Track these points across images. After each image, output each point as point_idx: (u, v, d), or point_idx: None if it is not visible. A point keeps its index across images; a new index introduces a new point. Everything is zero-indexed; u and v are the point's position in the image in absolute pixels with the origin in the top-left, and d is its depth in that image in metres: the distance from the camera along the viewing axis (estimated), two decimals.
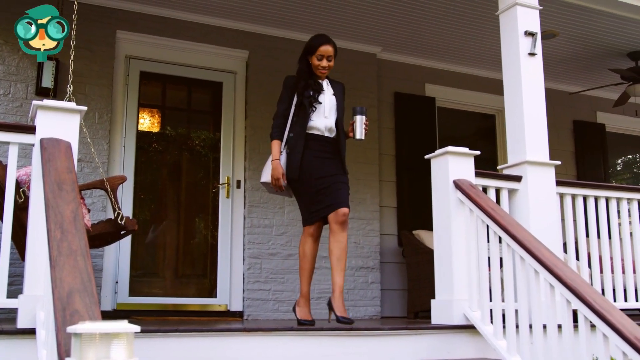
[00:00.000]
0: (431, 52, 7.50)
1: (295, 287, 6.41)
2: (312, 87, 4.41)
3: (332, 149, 4.40)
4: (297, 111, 4.37)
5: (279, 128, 4.40)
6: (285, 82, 4.53)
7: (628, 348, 3.12)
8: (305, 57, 4.50)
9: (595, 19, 6.52)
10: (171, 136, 6.55)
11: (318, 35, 4.49)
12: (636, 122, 8.81)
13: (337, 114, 4.47)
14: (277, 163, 4.30)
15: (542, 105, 4.87)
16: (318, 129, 4.36)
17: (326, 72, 4.47)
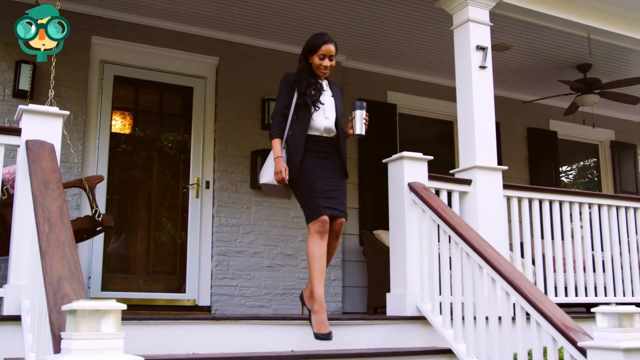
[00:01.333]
0: (393, 61, 7.89)
1: (262, 283, 6.74)
2: (314, 87, 4.31)
3: (331, 150, 4.32)
4: (297, 110, 4.26)
5: (279, 126, 4.27)
6: (285, 79, 4.36)
7: (557, 334, 3.51)
8: (306, 56, 4.37)
9: (546, 34, 6.95)
10: (143, 138, 6.82)
11: (319, 34, 4.38)
12: (585, 129, 9.31)
13: (336, 115, 4.38)
14: (280, 159, 4.17)
15: (491, 115, 5.25)
16: (318, 129, 4.27)
17: (328, 72, 4.37)
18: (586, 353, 3.30)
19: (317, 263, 4.10)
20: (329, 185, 4.18)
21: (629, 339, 3.14)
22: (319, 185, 4.14)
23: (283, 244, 6.94)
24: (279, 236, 6.93)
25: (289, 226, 7.00)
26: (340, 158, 4.34)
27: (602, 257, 5.82)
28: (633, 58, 7.73)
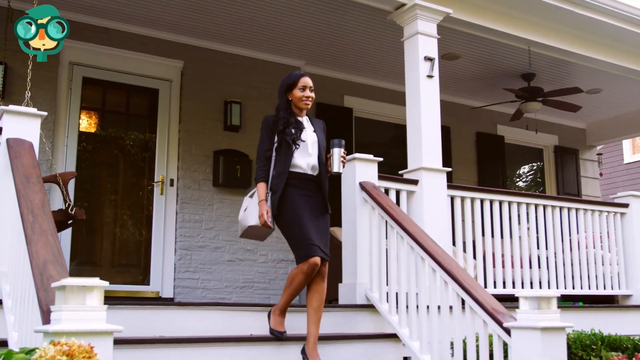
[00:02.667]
0: (350, 67, 8.32)
1: (222, 277, 7.09)
2: (294, 125, 4.31)
3: (315, 187, 4.31)
4: (279, 149, 4.27)
5: (263, 170, 4.29)
6: (264, 123, 4.39)
7: (487, 317, 3.96)
8: (285, 94, 4.41)
9: (493, 45, 7.42)
10: (110, 137, 7.12)
11: (292, 72, 4.50)
12: (531, 134, 9.86)
13: (319, 151, 4.37)
14: (263, 203, 4.19)
15: (437, 120, 5.69)
16: (301, 167, 4.26)
17: (310, 103, 4.40)
18: (510, 332, 3.75)
19: (292, 290, 4.19)
20: (314, 225, 4.16)
21: (547, 319, 3.60)
22: (309, 225, 4.11)
23: (243, 240, 7.26)
24: None
25: None
26: (322, 195, 4.32)
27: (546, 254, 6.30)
28: (573, 69, 8.28)
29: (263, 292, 7.22)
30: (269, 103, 7.65)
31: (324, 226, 4.28)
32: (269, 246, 7.43)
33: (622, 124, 10.53)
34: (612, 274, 6.75)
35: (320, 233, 4.18)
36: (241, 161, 7.32)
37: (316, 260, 4.06)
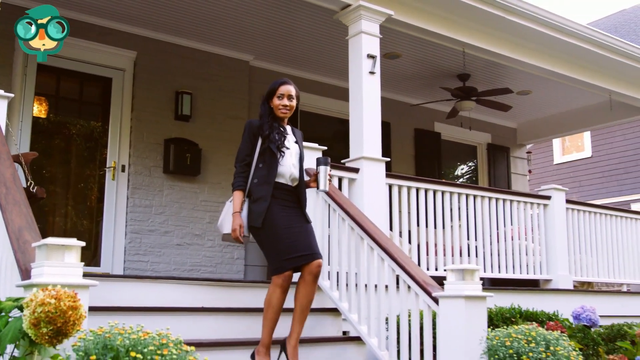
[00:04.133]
0: (297, 63, 8.71)
1: (171, 260, 7.39)
2: (277, 130, 4.28)
3: (294, 198, 4.29)
4: (262, 156, 4.20)
5: (242, 177, 4.21)
6: (248, 126, 4.32)
7: (418, 289, 4.41)
8: (267, 101, 4.40)
9: (431, 46, 7.90)
10: (64, 124, 7.33)
11: (276, 80, 4.50)
12: (466, 132, 10.46)
13: (300, 162, 4.38)
14: (237, 215, 4.12)
15: (377, 114, 6.11)
16: (283, 176, 4.23)
17: (287, 112, 4.38)
18: (438, 301, 4.21)
19: (271, 315, 4.08)
20: (297, 231, 4.13)
21: (470, 289, 4.07)
22: (284, 236, 4.07)
23: (192, 225, 7.62)
24: (188, 217, 7.61)
25: (197, 209, 7.69)
26: (300, 207, 4.30)
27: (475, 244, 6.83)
28: (505, 71, 8.87)
29: (210, 276, 7.53)
30: (219, 95, 8.02)
31: (307, 229, 4.23)
32: (216, 231, 7.74)
33: (551, 125, 11.24)
34: (534, 263, 7.33)
35: (304, 234, 4.16)
36: (191, 149, 7.62)
37: (290, 273, 4.05)
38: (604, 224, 8.03)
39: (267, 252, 4.17)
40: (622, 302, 7.83)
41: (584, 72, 8.25)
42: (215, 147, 7.92)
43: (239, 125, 8.08)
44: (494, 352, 3.63)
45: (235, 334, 4.62)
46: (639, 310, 7.52)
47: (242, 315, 4.78)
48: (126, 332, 2.40)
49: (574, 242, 7.66)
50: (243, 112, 8.20)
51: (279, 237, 4.07)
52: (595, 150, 18.54)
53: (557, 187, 7.47)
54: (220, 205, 7.79)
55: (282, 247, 4.06)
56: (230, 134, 8.04)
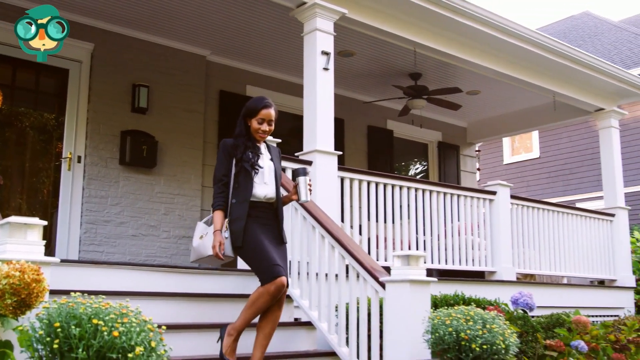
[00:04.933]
0: (254, 58, 8.86)
1: (126, 250, 7.47)
2: (252, 150, 4.28)
3: (271, 216, 4.29)
4: (237, 177, 4.22)
5: (220, 197, 4.21)
6: (222, 146, 4.32)
7: (366, 274, 4.63)
8: (245, 118, 4.37)
9: (384, 45, 8.15)
10: (20, 114, 7.35)
11: (259, 98, 4.40)
12: (418, 130, 10.76)
13: (275, 180, 4.36)
14: (218, 233, 4.11)
15: (330, 108, 6.31)
16: (258, 196, 4.22)
17: (265, 136, 4.38)
18: (385, 286, 4.44)
19: (253, 311, 4.07)
20: (276, 252, 4.15)
21: (415, 274, 4.31)
22: (266, 247, 4.09)
23: (147, 216, 7.72)
24: (144, 209, 7.70)
25: (153, 200, 7.79)
26: (277, 224, 4.30)
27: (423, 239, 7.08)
28: (455, 71, 9.17)
29: None
30: (176, 88, 8.13)
31: (284, 253, 4.25)
32: (171, 223, 7.89)
33: (499, 124, 11.63)
34: (480, 256, 7.63)
35: (281, 259, 4.16)
36: (147, 142, 7.72)
37: (283, 280, 4.01)
38: (546, 219, 8.39)
39: (255, 265, 4.12)
40: (562, 294, 8.20)
41: (530, 73, 8.59)
42: (172, 140, 8.03)
43: (195, 119, 8.25)
44: (435, 330, 3.87)
45: (190, 318, 4.77)
46: (578, 301, 7.89)
47: (197, 301, 4.93)
48: (88, 303, 2.54)
49: (518, 236, 8.00)
50: (199, 106, 8.33)
51: (263, 249, 4.06)
52: (542, 151, 19.12)
53: (502, 182, 7.79)
54: (176, 197, 7.93)
55: (268, 257, 4.04)
56: (186, 127, 8.16)
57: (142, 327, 2.52)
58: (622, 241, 9.26)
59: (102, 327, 2.40)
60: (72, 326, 2.39)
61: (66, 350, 2.37)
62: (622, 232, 9.29)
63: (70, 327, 2.39)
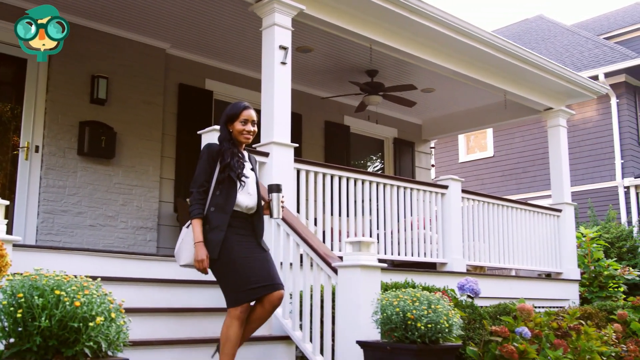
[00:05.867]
0: (213, 52, 8.97)
1: (84, 240, 7.52)
2: (237, 157, 4.16)
3: (249, 227, 4.18)
4: (220, 184, 4.07)
5: (199, 204, 4.03)
6: (207, 151, 4.17)
7: (320, 261, 4.81)
8: (226, 124, 4.26)
9: (341, 41, 8.33)
10: None
11: (237, 103, 4.33)
12: (374, 126, 10.99)
13: (258, 190, 4.28)
14: (201, 245, 3.97)
15: (288, 101, 6.45)
16: (240, 205, 4.11)
17: (251, 137, 4.26)
18: (337, 271, 4.62)
19: (229, 349, 3.96)
20: (254, 264, 4.03)
21: (365, 259, 4.50)
22: (242, 267, 3.97)
23: (105, 207, 7.78)
24: (102, 199, 7.76)
25: (111, 191, 7.85)
26: (255, 236, 4.18)
27: (377, 232, 7.28)
28: (411, 69, 9.41)
29: None
30: (135, 80, 8.20)
31: (267, 257, 4.15)
32: (129, 214, 7.96)
33: (453, 122, 11.94)
34: (432, 249, 7.87)
35: (264, 263, 4.07)
36: (106, 133, 7.77)
37: (248, 305, 3.97)
38: (496, 213, 8.69)
39: (224, 283, 4.02)
40: (510, 285, 8.50)
41: (483, 73, 8.87)
42: (130, 132, 8.10)
43: (154, 111, 8.33)
44: (383, 310, 4.07)
45: (149, 302, 4.89)
46: (525, 293, 8.19)
47: (156, 286, 5.06)
48: (51, 276, 2.66)
49: (469, 229, 8.27)
50: (158, 98, 8.41)
51: (236, 269, 3.96)
52: (497, 151, 19.57)
53: (454, 177, 8.05)
54: (134, 189, 8.00)
55: (240, 278, 3.94)
56: (145, 119, 8.24)
57: (103, 300, 2.65)
58: (568, 236, 9.62)
59: (64, 298, 2.52)
60: (35, 297, 2.51)
61: (29, 320, 2.49)
62: (569, 227, 9.65)
63: (34, 298, 2.51)
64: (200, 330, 4.91)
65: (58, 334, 2.53)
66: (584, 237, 10.41)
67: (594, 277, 9.94)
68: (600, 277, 9.90)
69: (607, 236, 14.63)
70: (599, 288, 9.81)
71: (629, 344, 6.99)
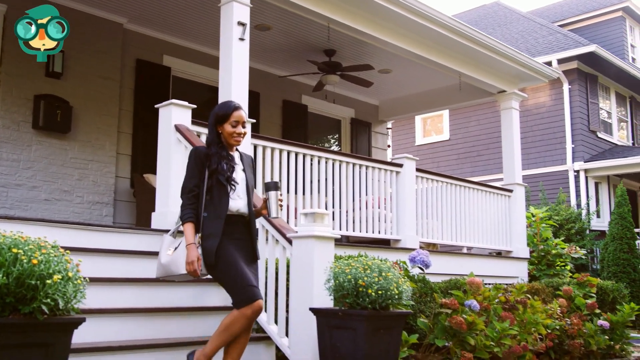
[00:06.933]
0: (171, 28, 8.94)
1: (38, 214, 7.47)
2: (226, 160, 4.01)
3: (244, 231, 4.06)
4: (211, 190, 3.94)
5: (190, 209, 3.90)
6: (194, 155, 4.01)
7: (276, 233, 4.90)
8: (215, 126, 4.07)
9: (300, 20, 8.36)
10: None
11: (226, 103, 4.17)
12: (332, 106, 11.09)
13: (247, 192, 4.09)
14: (193, 247, 3.81)
15: (245, 77, 6.50)
16: (230, 210, 3.96)
17: (241, 140, 4.09)
18: (292, 242, 4.72)
19: (225, 337, 3.85)
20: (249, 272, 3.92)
21: (319, 230, 4.61)
22: (240, 266, 3.86)
23: (61, 181, 7.74)
24: (57, 173, 7.71)
25: (67, 165, 7.80)
26: (251, 240, 4.08)
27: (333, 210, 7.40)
28: (369, 49, 9.49)
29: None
30: (92, 55, 8.16)
31: (256, 272, 4.05)
32: (85, 188, 7.93)
33: (409, 103, 12.11)
34: (386, 227, 8.04)
35: (254, 279, 3.94)
36: (61, 107, 7.71)
37: (260, 303, 3.84)
38: (449, 192, 8.89)
39: (230, 284, 3.89)
40: (462, 262, 8.73)
41: (439, 54, 9.01)
42: (87, 106, 8.05)
43: (111, 86, 8.29)
44: (335, 277, 4.19)
45: (106, 273, 4.92)
46: (477, 270, 8.41)
47: (113, 257, 5.09)
48: (7, 235, 2.70)
49: (422, 207, 8.46)
50: (116, 73, 8.37)
51: (238, 270, 3.84)
52: (452, 134, 19.88)
53: (408, 156, 8.21)
54: (90, 163, 7.98)
55: (244, 278, 3.83)
56: (102, 94, 8.19)
57: (60, 259, 2.70)
58: (519, 215, 9.89)
59: (21, 256, 2.57)
60: None
61: None
62: (519, 207, 9.92)
63: None
64: (158, 300, 4.97)
65: (15, 292, 2.58)
66: (533, 217, 10.72)
67: (542, 256, 10.27)
68: (548, 256, 10.24)
69: (557, 218, 15.08)
70: (546, 266, 10.13)
71: (573, 318, 7.28)
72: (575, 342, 7.01)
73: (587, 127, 17.53)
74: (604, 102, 18.78)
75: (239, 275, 3.81)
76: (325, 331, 4.24)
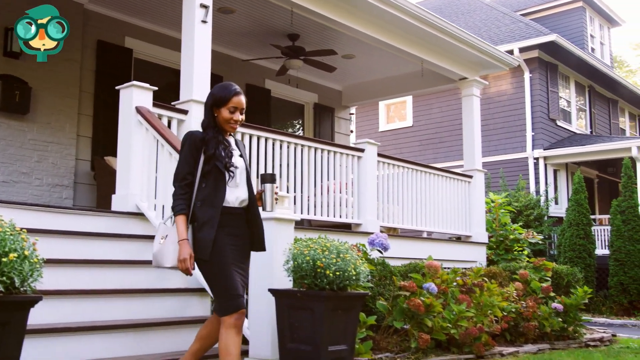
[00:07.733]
0: (134, 10, 8.85)
1: None
2: (223, 145, 3.73)
3: (242, 224, 3.78)
4: (206, 176, 3.66)
5: (183, 199, 3.62)
6: (190, 139, 3.73)
7: None
8: (212, 109, 3.78)
9: (264, 4, 8.32)
10: None
11: (226, 85, 3.84)
12: (296, 91, 11.10)
13: (248, 180, 3.85)
14: (185, 243, 3.54)
15: (207, 59, 6.47)
16: (230, 200, 3.71)
17: (237, 127, 3.83)
18: None
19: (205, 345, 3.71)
20: (239, 271, 3.68)
21: (279, 212, 4.64)
22: (234, 272, 3.61)
23: (19, 163, 7.64)
24: (15, 155, 7.61)
25: (25, 147, 7.70)
26: (251, 233, 3.82)
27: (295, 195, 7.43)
28: (333, 35, 9.52)
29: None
30: None
31: (246, 274, 3.81)
32: (44, 171, 7.84)
33: (372, 89, 12.19)
34: (347, 211, 8.11)
35: (243, 282, 3.71)
36: (20, 87, 7.59)
37: (244, 312, 3.62)
38: (410, 178, 8.99)
39: (216, 286, 3.65)
40: (422, 247, 8.86)
41: (402, 40, 9.07)
42: (47, 88, 7.95)
43: (71, 68, 8.19)
44: (294, 259, 4.24)
45: (66, 254, 4.89)
46: (437, 254, 8.53)
47: (73, 238, 5.06)
48: None
49: (383, 192, 8.55)
50: (76, 54, 8.26)
51: (228, 273, 3.58)
52: (415, 120, 20.05)
53: (370, 141, 8.27)
54: (50, 145, 7.88)
55: (232, 284, 3.58)
56: (62, 75, 8.09)
57: (16, 238, 2.70)
58: (478, 201, 10.05)
59: None
60: None
61: None
62: (479, 192, 10.08)
63: None
64: (118, 281, 4.97)
65: None
66: (492, 203, 10.90)
67: (500, 241, 10.46)
68: (506, 241, 10.43)
69: (516, 204, 15.35)
70: (505, 251, 10.33)
71: (528, 301, 7.46)
72: (530, 324, 7.19)
73: (547, 115, 17.83)
74: (564, 91, 19.11)
75: (229, 283, 3.57)
76: (285, 312, 4.30)
